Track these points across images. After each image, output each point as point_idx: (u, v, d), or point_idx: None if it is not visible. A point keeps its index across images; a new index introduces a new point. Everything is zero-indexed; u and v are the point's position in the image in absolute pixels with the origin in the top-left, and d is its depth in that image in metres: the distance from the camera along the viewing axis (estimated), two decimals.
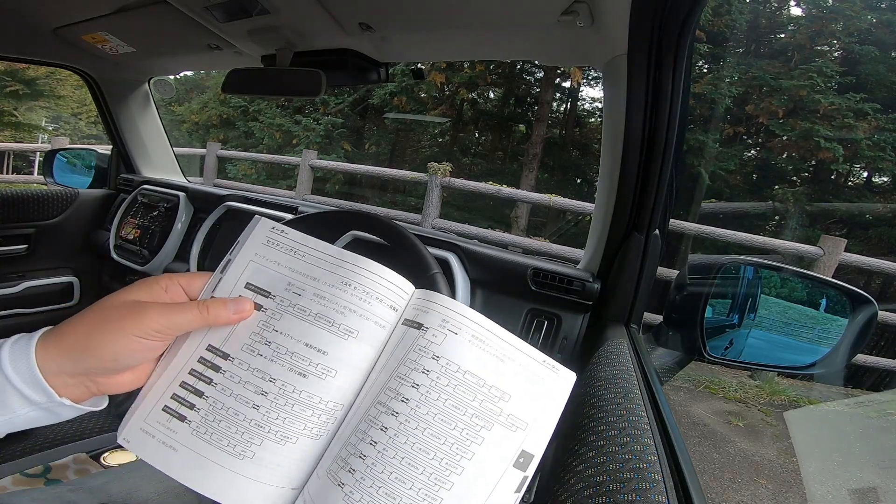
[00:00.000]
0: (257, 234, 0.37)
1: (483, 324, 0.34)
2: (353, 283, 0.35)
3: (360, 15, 0.83)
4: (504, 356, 0.34)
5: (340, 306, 0.34)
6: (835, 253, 3.32)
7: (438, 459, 0.31)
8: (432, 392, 0.32)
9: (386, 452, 0.31)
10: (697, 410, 3.09)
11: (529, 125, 8.79)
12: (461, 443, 0.31)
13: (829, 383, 3.57)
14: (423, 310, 0.35)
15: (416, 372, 0.33)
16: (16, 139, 8.38)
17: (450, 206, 6.44)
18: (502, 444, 0.32)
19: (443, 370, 0.32)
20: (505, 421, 0.32)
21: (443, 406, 0.32)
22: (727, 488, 2.32)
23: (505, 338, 0.34)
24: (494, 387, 0.33)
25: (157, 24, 1.03)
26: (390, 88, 8.13)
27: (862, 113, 6.29)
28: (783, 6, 8.24)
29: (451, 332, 0.33)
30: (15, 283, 1.38)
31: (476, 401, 0.32)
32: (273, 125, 9.08)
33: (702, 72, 7.43)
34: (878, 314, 0.78)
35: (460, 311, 0.34)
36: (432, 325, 0.34)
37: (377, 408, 0.33)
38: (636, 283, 0.81)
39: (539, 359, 0.34)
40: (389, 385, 0.33)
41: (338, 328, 0.34)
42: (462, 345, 0.33)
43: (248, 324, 0.35)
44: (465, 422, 0.32)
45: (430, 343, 0.33)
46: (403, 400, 0.32)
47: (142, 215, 1.41)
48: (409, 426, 0.31)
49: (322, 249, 0.37)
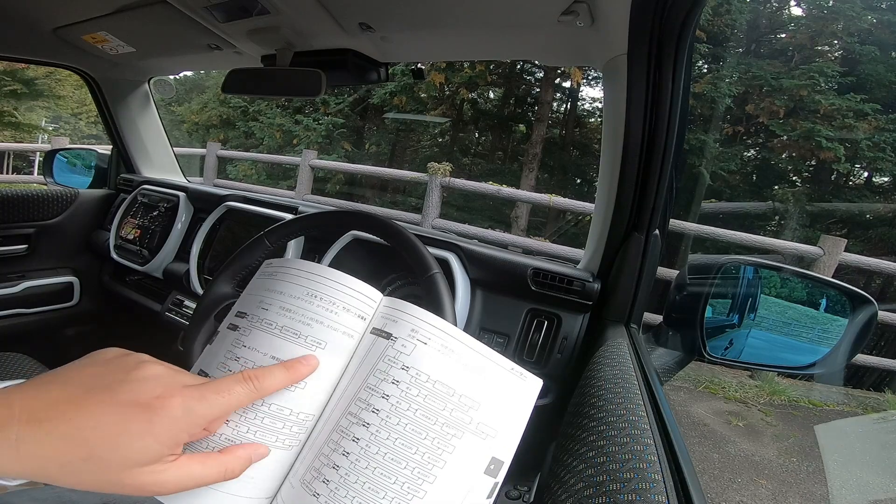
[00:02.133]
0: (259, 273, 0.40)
1: (452, 333, 0.34)
2: (319, 294, 0.36)
3: (360, 15, 0.83)
4: (473, 365, 0.34)
5: (307, 318, 0.35)
6: (835, 253, 3.32)
7: (411, 468, 0.31)
8: (402, 402, 0.32)
9: (359, 463, 0.31)
10: (697, 410, 3.09)
11: (529, 125, 8.79)
12: (433, 452, 0.31)
13: (829, 383, 3.57)
14: (391, 319, 0.36)
15: (385, 382, 0.33)
16: (16, 139, 8.38)
17: (450, 206, 6.44)
18: (473, 451, 0.32)
19: (413, 380, 0.33)
20: (475, 429, 0.32)
21: (413, 416, 0.32)
22: (727, 488, 2.32)
23: (473, 346, 0.34)
24: (464, 395, 0.33)
25: (157, 24, 1.03)
26: (390, 88, 8.13)
27: (862, 113, 6.29)
28: (783, 6, 8.24)
29: (421, 342, 0.34)
30: (15, 283, 1.38)
31: (447, 410, 0.32)
32: (273, 125, 9.08)
33: (702, 72, 7.43)
34: (878, 314, 0.78)
35: (429, 320, 0.35)
36: (401, 335, 0.34)
37: (348, 418, 0.33)
38: (636, 283, 0.81)
39: (507, 367, 0.35)
40: (360, 396, 0.33)
41: (304, 339, 0.34)
42: (431, 354, 0.33)
43: (224, 343, 0.35)
44: (436, 431, 0.32)
45: (400, 353, 0.34)
46: (374, 410, 0.32)
47: (142, 215, 1.41)
48: (381, 436, 0.32)
49: (290, 265, 0.38)
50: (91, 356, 0.31)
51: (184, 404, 0.28)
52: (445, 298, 0.64)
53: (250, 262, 0.74)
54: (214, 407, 0.30)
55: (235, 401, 0.31)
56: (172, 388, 0.29)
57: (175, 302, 1.25)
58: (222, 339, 0.37)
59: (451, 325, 0.35)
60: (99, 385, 0.28)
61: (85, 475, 0.27)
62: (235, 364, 0.34)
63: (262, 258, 0.75)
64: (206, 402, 0.29)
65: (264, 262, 0.40)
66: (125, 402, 0.27)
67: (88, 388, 0.28)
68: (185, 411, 0.28)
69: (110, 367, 0.30)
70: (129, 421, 0.27)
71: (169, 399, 0.28)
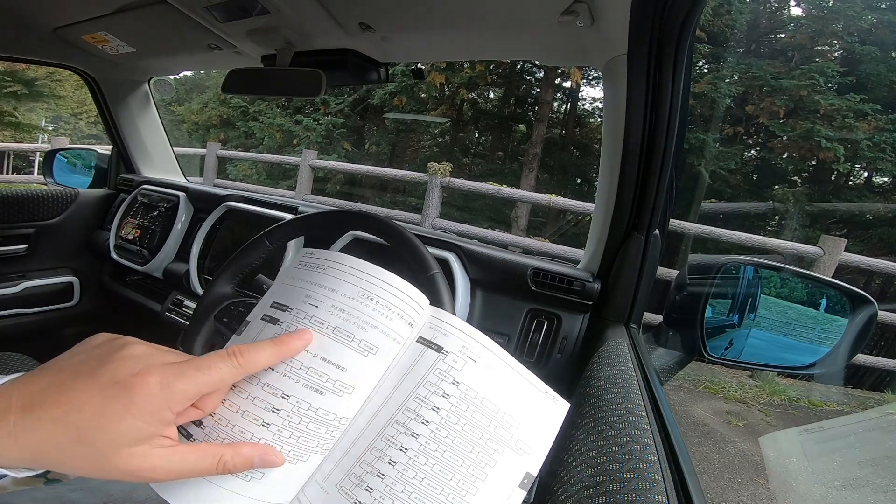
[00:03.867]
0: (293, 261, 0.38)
1: (496, 352, 0.35)
2: (375, 297, 0.35)
3: (361, 15, 0.83)
4: (514, 384, 0.35)
5: (361, 321, 0.34)
6: (835, 253, 3.32)
7: (457, 480, 0.32)
8: (452, 416, 0.33)
9: (406, 473, 0.31)
10: (697, 410, 3.09)
11: (529, 125, 8.80)
12: (477, 465, 0.32)
13: (829, 383, 3.57)
14: (440, 331, 0.36)
15: (436, 395, 0.33)
16: (16, 139, 8.38)
17: (450, 206, 6.44)
18: (511, 466, 0.33)
19: (463, 396, 0.33)
20: (514, 445, 0.33)
21: (462, 430, 0.33)
22: (727, 488, 2.32)
23: (515, 367, 0.36)
24: (507, 413, 0.34)
25: (157, 24, 1.03)
26: (390, 88, 8.13)
27: (862, 113, 6.29)
28: (783, 6, 8.24)
29: (471, 360, 0.35)
30: (15, 283, 1.38)
31: (491, 426, 0.33)
32: (273, 125, 9.08)
33: (702, 72, 7.43)
34: (878, 314, 0.78)
35: (478, 338, 0.36)
36: (452, 350, 0.35)
37: (395, 427, 0.33)
38: (636, 284, 0.81)
39: (543, 389, 0.36)
40: (409, 406, 0.33)
41: (358, 343, 0.33)
42: (480, 371, 0.34)
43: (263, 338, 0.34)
44: (481, 445, 0.33)
45: (451, 368, 0.34)
46: (424, 422, 0.33)
47: (142, 215, 1.41)
48: (430, 448, 0.32)
49: (341, 260, 0.36)
50: (82, 343, 0.32)
51: (161, 381, 0.28)
52: (446, 298, 0.64)
53: (250, 262, 0.74)
54: (195, 383, 0.29)
55: (218, 377, 0.30)
56: (151, 365, 0.29)
57: (175, 302, 1.25)
58: (258, 332, 0.35)
59: (497, 345, 0.36)
60: (84, 369, 0.29)
61: (80, 460, 0.27)
62: (281, 364, 0.32)
63: (261, 258, 0.75)
64: (185, 378, 0.29)
65: (304, 251, 0.38)
66: (105, 383, 0.28)
67: (76, 372, 0.29)
68: (163, 387, 0.28)
69: (97, 351, 0.30)
70: (110, 400, 0.27)
71: (146, 376, 0.28)
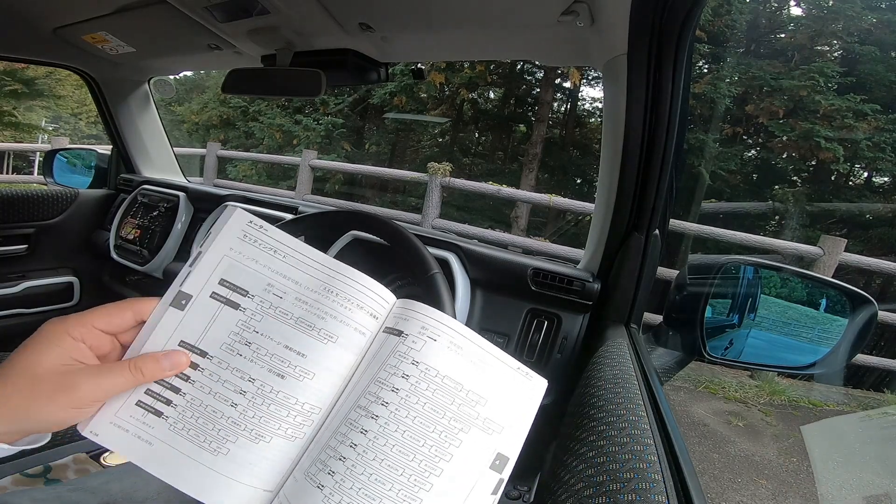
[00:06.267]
0: (232, 225, 0.36)
1: (460, 331, 0.35)
2: (336, 290, 0.36)
3: (360, 15, 0.83)
4: (480, 362, 0.35)
5: (322, 311, 0.35)
6: (835, 253, 3.32)
7: (418, 461, 0.32)
8: (412, 396, 0.33)
9: (366, 454, 0.32)
10: (697, 410, 3.09)
11: (529, 125, 8.79)
12: (440, 445, 0.32)
13: (829, 383, 3.57)
14: (402, 318, 0.36)
15: (395, 377, 0.33)
16: (16, 139, 8.37)
17: (450, 206, 6.44)
18: (479, 446, 0.33)
19: (422, 375, 0.33)
20: (482, 424, 0.33)
21: (422, 409, 0.33)
22: (727, 488, 2.32)
23: (481, 344, 0.35)
24: (471, 391, 0.34)
25: (157, 24, 1.03)
26: (390, 88, 8.12)
27: (862, 113, 6.29)
28: (783, 6, 8.24)
29: (430, 339, 0.34)
30: (15, 283, 1.38)
31: (454, 405, 0.33)
32: (273, 125, 9.08)
33: (702, 72, 7.43)
34: (878, 314, 0.78)
35: (438, 318, 0.35)
36: (412, 332, 0.35)
37: (357, 412, 0.33)
38: (636, 283, 0.81)
39: (514, 366, 0.36)
40: (369, 390, 0.34)
41: (318, 332, 0.35)
42: (441, 350, 0.34)
43: (227, 323, 0.35)
44: (443, 425, 0.33)
45: (410, 349, 0.34)
46: (383, 403, 0.33)
47: (142, 215, 1.41)
48: (390, 429, 0.32)
49: (305, 252, 0.37)
50: None
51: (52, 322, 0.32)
52: (445, 298, 0.64)
53: None
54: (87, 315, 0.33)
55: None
56: None
57: None
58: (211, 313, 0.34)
59: (461, 324, 0.35)
60: None
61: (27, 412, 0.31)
62: (247, 349, 0.34)
63: None
64: None
65: (241, 215, 0.36)
66: None
67: None
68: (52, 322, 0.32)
69: None
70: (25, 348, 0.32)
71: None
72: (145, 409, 0.33)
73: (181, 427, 0.32)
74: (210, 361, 0.34)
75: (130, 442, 0.32)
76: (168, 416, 0.33)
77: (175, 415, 0.33)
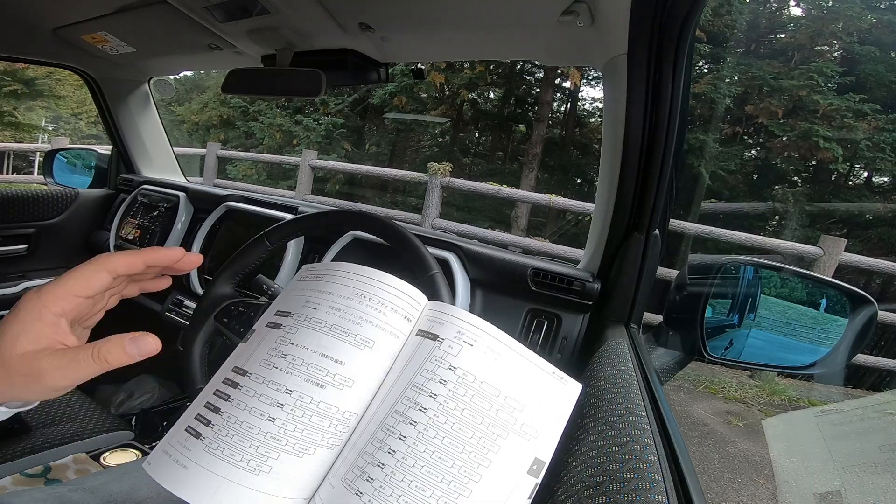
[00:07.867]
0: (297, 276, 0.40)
1: (497, 336, 0.35)
2: (368, 294, 0.36)
3: (361, 15, 0.83)
4: (518, 367, 0.34)
5: (356, 317, 0.35)
6: (835, 253, 3.32)
7: (458, 467, 0.31)
8: (450, 401, 0.33)
9: (405, 461, 0.31)
10: (697, 410, 3.09)
11: (529, 125, 8.79)
12: (479, 451, 0.32)
13: (829, 383, 3.57)
14: (437, 321, 0.36)
15: (433, 382, 0.33)
16: (16, 139, 8.37)
17: (450, 206, 6.44)
18: (517, 452, 0.32)
19: (460, 380, 0.33)
20: (519, 430, 0.33)
21: (461, 415, 0.32)
22: (727, 488, 2.32)
23: (517, 349, 0.35)
24: (509, 396, 0.33)
25: (157, 24, 1.03)
26: (390, 88, 8.12)
27: (861, 113, 6.29)
28: (783, 6, 8.24)
29: (467, 344, 0.34)
30: (15, 283, 1.38)
31: (492, 410, 0.33)
32: (273, 125, 9.07)
33: (702, 72, 7.43)
34: (878, 314, 0.77)
35: (475, 322, 0.35)
36: (448, 337, 0.35)
37: (395, 417, 0.33)
38: (636, 283, 0.81)
39: (549, 370, 0.35)
40: (406, 395, 0.33)
41: (354, 338, 0.35)
42: (478, 356, 0.34)
43: (267, 341, 0.35)
44: (482, 430, 0.32)
45: (447, 354, 0.34)
46: (422, 409, 0.32)
47: (142, 215, 1.41)
48: (428, 435, 0.32)
49: (337, 268, 0.38)
50: None
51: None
52: (446, 298, 0.64)
53: (250, 263, 0.74)
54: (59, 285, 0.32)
55: None
56: None
57: (175, 302, 1.25)
58: (261, 337, 0.36)
59: (496, 328, 0.35)
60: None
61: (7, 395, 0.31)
62: (282, 361, 0.34)
63: (261, 258, 0.75)
64: None
65: (303, 267, 0.41)
66: None
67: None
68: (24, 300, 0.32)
69: None
70: None
71: None
72: (189, 433, 0.32)
73: (216, 447, 0.31)
74: (248, 378, 0.34)
75: (170, 468, 0.31)
76: (205, 437, 0.32)
77: (211, 434, 0.32)
